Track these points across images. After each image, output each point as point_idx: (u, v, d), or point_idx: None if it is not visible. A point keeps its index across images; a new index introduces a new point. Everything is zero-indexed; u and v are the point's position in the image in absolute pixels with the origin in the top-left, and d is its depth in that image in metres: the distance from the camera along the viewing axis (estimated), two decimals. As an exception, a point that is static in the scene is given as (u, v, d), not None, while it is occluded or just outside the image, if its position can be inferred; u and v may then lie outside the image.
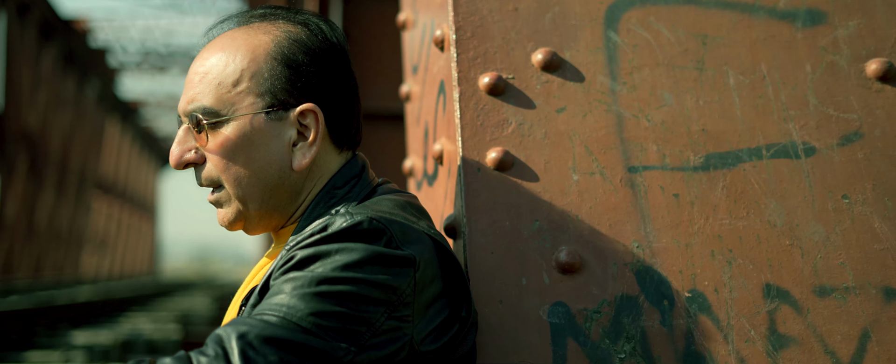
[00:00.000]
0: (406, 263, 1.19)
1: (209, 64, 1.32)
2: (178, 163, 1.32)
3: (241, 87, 1.29)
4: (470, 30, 1.56)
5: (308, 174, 1.33)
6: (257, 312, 1.15)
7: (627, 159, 1.47)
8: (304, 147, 1.31)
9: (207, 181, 1.33)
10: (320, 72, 1.31)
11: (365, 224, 1.19)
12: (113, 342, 6.89)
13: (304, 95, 1.30)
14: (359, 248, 1.17)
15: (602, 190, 1.45)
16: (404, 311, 1.18)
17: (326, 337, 1.12)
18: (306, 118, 1.30)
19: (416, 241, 1.22)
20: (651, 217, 1.43)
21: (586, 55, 1.55)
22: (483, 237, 1.43)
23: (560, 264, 1.40)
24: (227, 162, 1.29)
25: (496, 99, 1.52)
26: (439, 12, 1.70)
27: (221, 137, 1.29)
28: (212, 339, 1.11)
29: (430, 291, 1.21)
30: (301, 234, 1.26)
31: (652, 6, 1.57)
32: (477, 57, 1.55)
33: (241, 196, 1.31)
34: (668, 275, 1.40)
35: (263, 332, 1.10)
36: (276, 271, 1.21)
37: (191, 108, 1.31)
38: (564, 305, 1.38)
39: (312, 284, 1.15)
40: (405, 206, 1.31)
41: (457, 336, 1.25)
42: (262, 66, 1.30)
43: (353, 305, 1.14)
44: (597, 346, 1.35)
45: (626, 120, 1.50)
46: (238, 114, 1.29)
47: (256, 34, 1.33)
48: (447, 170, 1.61)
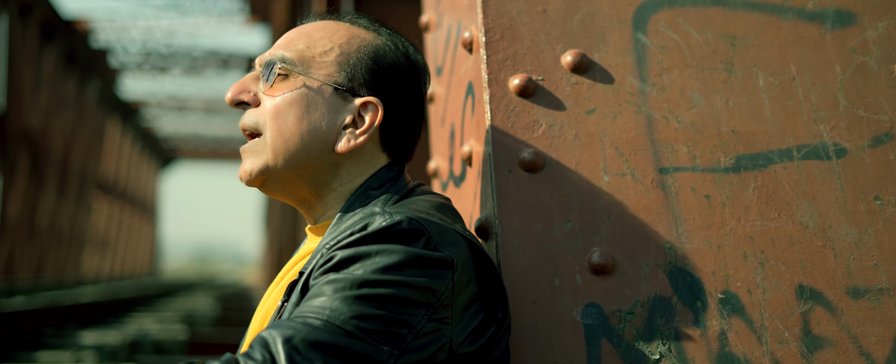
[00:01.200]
0: (444, 266, 1.19)
1: (304, 31, 1.39)
2: (233, 98, 1.36)
3: (326, 58, 1.35)
4: (499, 32, 1.57)
5: (345, 163, 1.35)
6: (299, 315, 1.15)
7: (658, 160, 1.48)
8: (352, 133, 1.34)
9: (252, 123, 1.35)
10: (397, 83, 1.36)
11: (404, 224, 1.20)
12: (121, 342, 6.90)
13: (374, 92, 1.35)
14: (398, 251, 1.18)
15: (633, 191, 1.46)
16: (443, 313, 1.18)
17: (369, 340, 1.13)
18: (366, 109, 1.34)
19: (453, 243, 1.22)
20: (683, 218, 1.44)
21: (615, 57, 1.55)
22: (515, 238, 1.43)
23: (593, 265, 1.41)
24: (281, 110, 1.33)
25: (526, 100, 1.52)
26: (467, 14, 1.70)
27: (286, 87, 1.33)
28: (258, 343, 1.12)
29: (467, 294, 1.22)
30: (336, 232, 1.27)
31: (680, 8, 1.58)
32: (506, 59, 1.55)
33: (277, 147, 1.32)
34: (701, 276, 1.40)
35: (309, 336, 1.11)
36: (315, 270, 1.22)
37: (269, 57, 1.36)
38: (598, 306, 1.39)
39: (354, 287, 1.15)
40: (440, 208, 1.32)
41: (493, 337, 1.25)
42: (352, 51, 1.36)
43: (395, 308, 1.15)
44: (631, 347, 1.36)
45: (656, 121, 1.50)
46: (311, 74, 1.34)
47: (358, 29, 1.39)
48: (476, 171, 1.62)
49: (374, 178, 1.35)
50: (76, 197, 25.32)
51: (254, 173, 1.34)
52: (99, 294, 15.94)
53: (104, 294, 16.22)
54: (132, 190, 38.00)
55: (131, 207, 38.32)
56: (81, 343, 7.01)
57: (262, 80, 1.36)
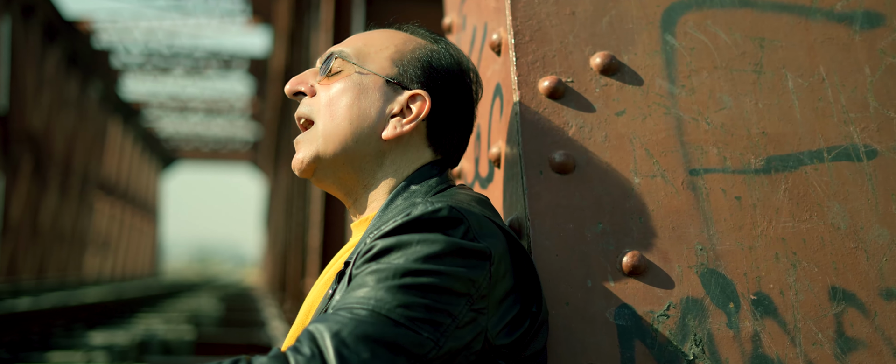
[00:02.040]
0: (482, 256, 1.21)
1: (365, 33, 1.48)
2: (291, 89, 1.45)
3: (381, 54, 1.42)
4: (528, 34, 1.57)
5: (391, 152, 1.40)
6: (344, 306, 1.17)
7: (688, 162, 1.48)
8: (398, 122, 1.39)
9: (307, 112, 1.42)
10: (446, 84, 1.42)
11: (444, 211, 1.22)
12: (130, 342, 6.92)
13: (424, 88, 1.41)
14: (439, 240, 1.19)
15: (664, 193, 1.46)
16: (481, 303, 1.20)
17: (414, 328, 1.14)
18: (414, 101, 1.40)
19: (491, 234, 1.24)
20: (714, 220, 1.44)
21: (644, 58, 1.55)
22: (547, 239, 1.44)
23: (625, 267, 1.41)
24: (334, 97, 1.40)
25: (556, 102, 1.53)
26: (494, 16, 1.71)
27: (342, 78, 1.41)
28: (305, 338, 1.13)
29: (503, 286, 1.23)
30: (378, 223, 1.30)
31: (708, 9, 1.58)
32: (536, 61, 1.56)
33: (327, 132, 1.39)
34: (733, 277, 1.40)
35: (356, 329, 1.12)
36: (359, 258, 1.24)
37: (328, 52, 1.45)
38: (630, 308, 1.39)
39: (397, 276, 1.17)
40: (480, 202, 1.34)
41: (528, 331, 1.26)
42: (407, 51, 1.43)
43: (437, 297, 1.16)
44: (664, 348, 1.36)
45: (685, 123, 1.51)
46: (367, 68, 1.41)
47: (418, 38, 1.47)
48: (505, 172, 1.62)
49: (416, 174, 1.39)
50: (78, 197, 25.33)
51: (306, 161, 1.40)
52: (104, 295, 15.97)
53: (109, 294, 16.25)
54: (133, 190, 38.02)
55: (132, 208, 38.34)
56: (91, 343, 7.03)
57: (319, 74, 1.44)
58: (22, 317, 8.69)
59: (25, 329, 8.08)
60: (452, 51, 1.46)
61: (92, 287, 21.59)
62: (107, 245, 32.34)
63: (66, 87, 22.93)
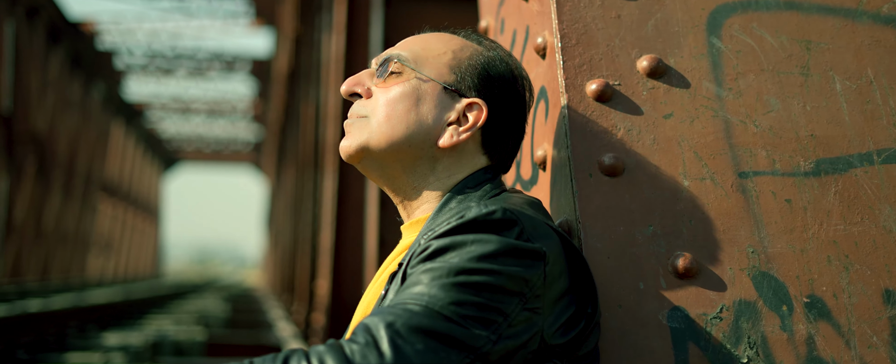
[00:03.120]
0: (537, 257, 1.22)
1: (421, 37, 1.48)
2: (348, 90, 1.45)
3: (440, 60, 1.42)
4: (574, 37, 1.58)
5: (445, 158, 1.41)
6: (399, 301, 1.19)
7: (737, 165, 1.49)
8: (455, 130, 1.40)
9: (361, 111, 1.43)
10: (502, 91, 1.43)
11: (498, 214, 1.23)
12: (144, 343, 6.94)
13: (480, 96, 1.42)
14: (493, 240, 1.21)
15: (714, 195, 1.47)
16: (535, 303, 1.21)
17: (466, 325, 1.15)
18: (471, 109, 1.40)
19: (545, 236, 1.25)
20: (764, 222, 1.45)
21: (690, 61, 1.56)
22: (599, 242, 1.44)
23: (676, 269, 1.42)
24: (391, 101, 1.40)
25: (604, 105, 1.53)
26: (537, 20, 1.71)
27: (399, 81, 1.41)
28: (360, 329, 1.15)
29: (558, 286, 1.24)
30: (432, 225, 1.32)
31: (754, 12, 1.58)
32: (582, 64, 1.56)
33: (381, 130, 1.39)
34: (786, 280, 1.41)
35: (410, 321, 1.14)
36: (414, 258, 1.25)
37: (386, 55, 1.45)
38: (683, 310, 1.40)
39: (451, 275, 1.18)
40: (533, 205, 1.35)
41: (583, 332, 1.27)
42: (465, 58, 1.43)
43: (490, 295, 1.18)
44: (718, 350, 1.37)
45: (733, 125, 1.51)
46: (424, 73, 1.41)
47: (473, 43, 1.47)
48: (550, 175, 1.63)
49: (470, 178, 1.40)
50: (81, 199, 25.35)
51: (353, 147, 1.41)
52: (112, 296, 16.00)
53: (117, 296, 16.27)
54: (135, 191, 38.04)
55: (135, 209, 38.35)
56: (105, 344, 7.06)
57: (376, 76, 1.44)
58: (36, 318, 8.77)
59: (41, 330, 8.16)
60: (507, 58, 1.47)
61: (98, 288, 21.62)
62: (109, 246, 32.35)
63: (69, 89, 22.94)
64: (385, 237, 3.98)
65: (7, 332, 7.30)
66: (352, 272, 5.81)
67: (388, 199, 4.01)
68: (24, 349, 6.72)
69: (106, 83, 27.44)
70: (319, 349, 1.14)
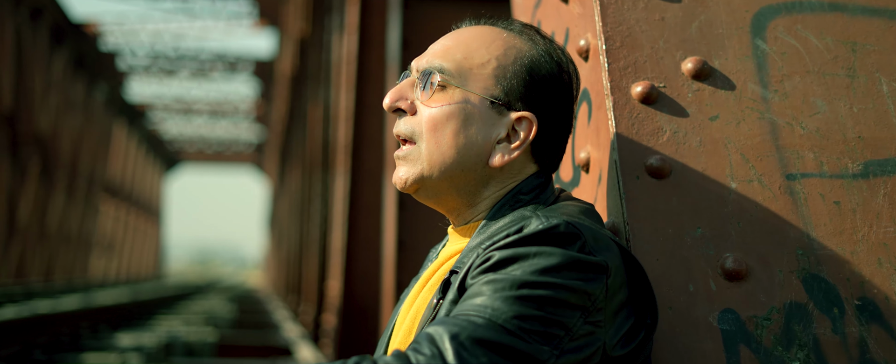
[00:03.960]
0: (599, 270, 1.22)
1: (461, 39, 1.39)
2: (391, 105, 1.38)
3: (483, 70, 1.36)
4: (619, 39, 1.58)
5: (498, 174, 1.38)
6: (461, 312, 1.19)
7: (785, 167, 1.48)
8: (505, 148, 1.36)
9: (407, 132, 1.37)
10: (551, 96, 1.38)
11: (562, 227, 1.22)
12: (157, 344, 6.96)
13: (527, 106, 1.36)
14: (556, 253, 1.20)
15: (761, 197, 1.47)
16: (597, 316, 1.21)
17: (529, 339, 1.16)
18: (520, 124, 1.36)
19: (606, 248, 1.24)
20: (813, 224, 1.44)
21: (735, 63, 1.56)
22: (647, 244, 1.44)
23: (726, 271, 1.42)
24: (438, 122, 1.35)
25: (649, 107, 1.53)
26: (579, 22, 1.71)
27: (444, 100, 1.35)
28: (425, 339, 1.15)
29: (619, 298, 1.24)
30: (487, 234, 1.31)
31: (798, 14, 1.58)
32: (628, 66, 1.56)
33: (433, 159, 1.35)
34: (836, 282, 1.41)
35: (474, 333, 1.14)
36: (472, 269, 1.25)
37: (428, 65, 1.38)
38: (734, 312, 1.40)
39: (513, 287, 1.18)
40: (587, 213, 1.34)
41: (643, 342, 1.27)
42: (510, 63, 1.37)
43: (552, 310, 1.18)
44: (770, 353, 1.37)
45: (779, 127, 1.51)
46: (469, 88, 1.36)
47: (516, 40, 1.40)
48: (594, 177, 1.63)
49: (523, 184, 1.38)
50: (84, 199, 25.35)
51: (409, 181, 1.37)
52: (121, 297, 16.02)
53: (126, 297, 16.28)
54: (137, 192, 38.04)
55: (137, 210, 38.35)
56: (118, 344, 7.09)
57: (419, 87, 1.38)
58: (50, 319, 8.82)
59: (55, 331, 8.21)
60: (551, 49, 1.40)
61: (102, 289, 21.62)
62: (111, 247, 32.36)
63: (72, 90, 22.95)
64: (403, 239, 3.98)
65: (23, 332, 7.36)
66: (363, 273, 5.80)
67: (407, 201, 4.01)
68: (40, 350, 6.77)
69: (108, 84, 27.44)
70: (387, 359, 1.14)
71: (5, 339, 6.95)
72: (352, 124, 5.75)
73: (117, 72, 27.55)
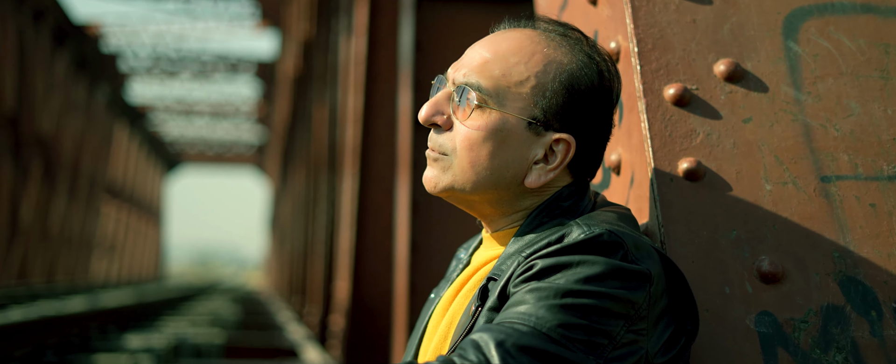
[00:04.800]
0: (642, 278, 1.22)
1: (500, 52, 1.35)
2: (427, 120, 1.36)
3: (522, 89, 1.33)
4: (651, 42, 1.58)
5: (533, 189, 1.36)
6: (505, 320, 1.19)
7: (819, 169, 1.48)
8: (542, 169, 1.34)
9: (442, 147, 1.35)
10: (590, 110, 1.35)
11: (604, 236, 1.23)
12: (167, 345, 6.97)
13: (566, 125, 1.34)
14: (600, 262, 1.20)
15: (796, 200, 1.46)
16: (640, 324, 1.21)
17: (574, 348, 1.16)
18: (558, 146, 1.34)
19: (647, 255, 1.25)
20: (849, 227, 1.44)
21: (768, 65, 1.56)
22: (682, 246, 1.44)
23: (762, 273, 1.42)
24: (474, 143, 1.32)
25: (682, 110, 1.53)
26: (608, 24, 1.71)
27: (482, 120, 1.32)
28: (470, 346, 1.16)
29: (660, 305, 1.25)
30: (525, 241, 1.31)
31: (830, 16, 1.58)
32: (659, 69, 1.56)
33: (466, 175, 1.33)
34: (874, 285, 1.41)
35: (519, 341, 1.15)
36: (514, 277, 1.25)
37: (465, 80, 1.34)
38: (770, 315, 1.39)
39: (557, 296, 1.18)
40: (625, 219, 1.34)
41: (683, 349, 1.27)
42: (548, 81, 1.33)
43: (596, 318, 1.18)
44: (808, 356, 1.37)
45: (813, 130, 1.51)
46: (507, 109, 1.32)
47: (556, 50, 1.35)
48: (626, 179, 1.63)
49: (561, 192, 1.36)
50: (86, 201, 25.35)
51: (439, 187, 1.36)
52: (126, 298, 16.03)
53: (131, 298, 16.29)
54: (138, 194, 38.04)
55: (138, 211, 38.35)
56: (128, 346, 7.10)
57: (454, 101, 1.35)
58: (60, 320, 8.88)
59: (65, 332, 8.26)
60: (591, 55, 1.37)
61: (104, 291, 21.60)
62: (113, 248, 32.35)
63: (74, 91, 22.95)
64: (416, 241, 3.97)
65: (34, 333, 7.38)
66: (371, 274, 5.80)
67: (420, 203, 4.00)
68: (52, 351, 6.80)
69: (110, 85, 27.43)
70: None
71: (17, 341, 7.01)
72: (360, 126, 5.74)
73: (119, 73, 27.56)
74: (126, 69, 27.34)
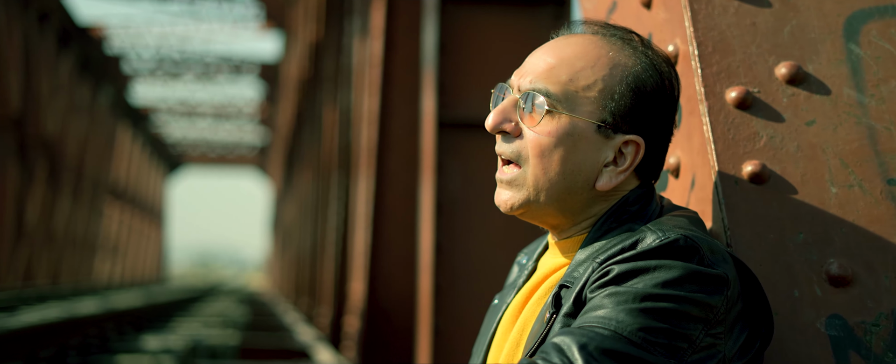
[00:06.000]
0: (720, 282, 1.22)
1: (565, 57, 1.35)
2: (495, 127, 1.36)
3: (590, 93, 1.33)
4: (711, 45, 1.58)
5: (603, 193, 1.37)
6: (584, 324, 1.19)
7: (885, 172, 1.48)
8: (612, 172, 1.35)
9: (513, 154, 1.36)
10: (656, 111, 1.36)
11: (680, 241, 1.23)
12: (183, 347, 6.99)
13: (634, 127, 1.34)
14: (677, 266, 1.21)
15: (863, 203, 1.46)
16: (718, 328, 1.21)
17: (654, 351, 1.17)
18: (627, 147, 1.34)
19: (722, 260, 1.25)
20: (917, 230, 1.44)
21: (829, 68, 1.56)
22: (749, 249, 1.44)
23: (831, 276, 1.41)
24: (545, 149, 1.33)
25: (745, 113, 1.53)
26: (664, 28, 1.71)
27: (552, 126, 1.33)
28: (552, 349, 1.17)
29: (736, 309, 1.25)
30: (596, 247, 1.31)
31: (891, 18, 1.58)
32: (721, 72, 1.56)
33: (539, 185, 1.34)
34: (944, 287, 1.40)
35: (602, 344, 1.16)
36: (589, 283, 1.25)
37: (532, 86, 1.35)
38: (841, 318, 1.39)
39: (636, 300, 1.18)
40: (695, 223, 1.34)
41: (758, 353, 1.28)
42: (615, 84, 1.34)
43: (675, 322, 1.18)
44: (881, 359, 1.36)
45: (878, 132, 1.51)
46: (576, 114, 1.33)
47: (620, 53, 1.36)
48: (685, 182, 1.63)
49: (628, 197, 1.37)
50: (89, 202, 25.35)
51: (515, 206, 1.36)
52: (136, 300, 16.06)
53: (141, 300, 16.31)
54: (141, 195, 38.04)
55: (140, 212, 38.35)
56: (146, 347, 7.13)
57: (521, 108, 1.36)
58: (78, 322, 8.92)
59: (85, 333, 8.33)
60: (652, 58, 1.37)
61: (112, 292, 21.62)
62: (116, 250, 32.35)
63: (78, 93, 22.95)
64: (441, 242, 3.97)
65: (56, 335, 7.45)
66: (387, 275, 5.80)
67: (444, 205, 4.00)
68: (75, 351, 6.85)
69: (113, 87, 27.44)
70: None
71: (42, 341, 7.12)
72: (376, 128, 5.74)
73: (122, 75, 27.57)
74: (129, 71, 27.35)
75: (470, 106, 3.99)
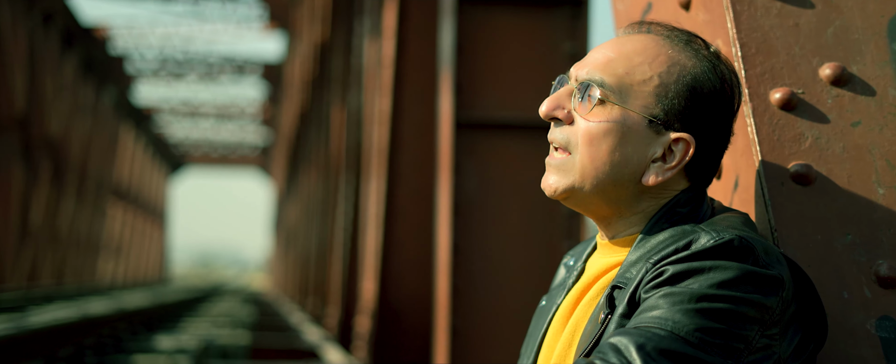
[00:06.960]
0: (775, 283, 1.22)
1: (624, 52, 1.37)
2: (549, 114, 1.38)
3: (645, 88, 1.34)
4: (754, 46, 1.57)
5: (651, 189, 1.37)
6: (640, 324, 1.19)
7: (931, 173, 1.48)
8: (659, 168, 1.34)
9: (563, 141, 1.37)
10: (711, 114, 1.35)
11: (735, 242, 1.23)
12: (196, 347, 7.01)
13: (686, 126, 1.34)
14: (733, 267, 1.20)
15: (910, 204, 1.46)
16: (773, 329, 1.21)
17: (711, 352, 1.17)
18: (677, 145, 1.34)
19: (777, 261, 1.25)
20: (965, 231, 1.44)
21: (874, 69, 1.55)
22: (797, 251, 1.44)
23: (880, 278, 1.41)
24: (595, 137, 1.34)
25: (789, 114, 1.53)
26: (703, 29, 1.70)
27: (604, 115, 1.34)
28: (609, 349, 1.17)
29: (791, 311, 1.25)
30: (647, 247, 1.31)
31: (934, 20, 1.58)
32: (764, 73, 1.56)
33: (587, 172, 1.34)
34: None
35: (659, 344, 1.16)
36: (643, 284, 1.25)
37: (588, 77, 1.36)
38: (891, 319, 1.39)
39: (692, 301, 1.18)
40: (747, 224, 1.33)
41: (812, 354, 1.28)
42: (672, 82, 1.34)
43: (732, 323, 1.18)
44: (932, 360, 1.36)
45: (923, 134, 1.51)
46: (629, 106, 1.34)
47: (681, 54, 1.36)
48: (728, 183, 1.62)
49: (679, 197, 1.37)
50: (93, 203, 25.36)
51: (559, 190, 1.37)
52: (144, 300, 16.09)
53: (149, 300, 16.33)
54: (144, 195, 38.07)
55: (143, 213, 38.38)
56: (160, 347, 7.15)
57: (576, 97, 1.37)
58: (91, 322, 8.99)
59: (98, 333, 8.38)
60: (714, 62, 1.37)
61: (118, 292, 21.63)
62: (119, 250, 32.37)
63: (82, 93, 22.96)
64: (458, 243, 3.97)
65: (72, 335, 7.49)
66: (398, 276, 5.80)
67: (461, 206, 4.00)
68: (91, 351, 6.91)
69: (117, 87, 27.46)
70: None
71: (60, 340, 7.18)
72: (387, 128, 5.74)
73: (125, 75, 27.59)
74: (133, 71, 27.37)
75: (487, 106, 3.99)
